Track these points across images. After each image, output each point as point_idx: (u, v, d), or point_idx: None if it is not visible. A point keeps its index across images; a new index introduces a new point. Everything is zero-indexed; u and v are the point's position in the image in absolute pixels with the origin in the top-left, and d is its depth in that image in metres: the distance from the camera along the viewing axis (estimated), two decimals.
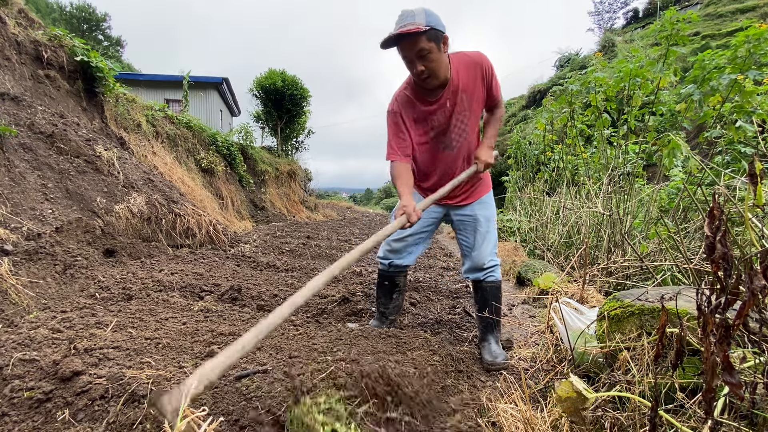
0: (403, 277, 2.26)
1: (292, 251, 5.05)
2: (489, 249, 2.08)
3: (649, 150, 3.61)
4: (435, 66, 1.73)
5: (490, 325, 2.07)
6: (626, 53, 4.65)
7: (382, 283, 2.25)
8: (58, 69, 4.80)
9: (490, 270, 2.10)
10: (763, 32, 2.81)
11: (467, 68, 1.85)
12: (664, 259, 2.71)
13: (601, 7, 41.23)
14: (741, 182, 2.65)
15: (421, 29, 1.62)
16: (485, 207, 2.12)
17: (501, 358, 1.95)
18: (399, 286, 2.25)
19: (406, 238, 2.12)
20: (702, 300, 0.90)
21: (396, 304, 2.28)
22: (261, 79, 13.94)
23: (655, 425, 0.97)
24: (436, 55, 1.71)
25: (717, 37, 16.42)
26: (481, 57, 1.88)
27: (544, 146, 5.94)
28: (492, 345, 2.04)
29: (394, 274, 2.21)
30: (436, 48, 1.69)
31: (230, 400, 1.34)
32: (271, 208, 10.71)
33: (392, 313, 2.28)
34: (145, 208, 4.15)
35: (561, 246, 4.31)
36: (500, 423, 1.33)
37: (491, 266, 2.09)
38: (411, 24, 1.64)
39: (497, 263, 2.12)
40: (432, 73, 1.75)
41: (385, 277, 2.23)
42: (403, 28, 1.64)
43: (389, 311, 2.27)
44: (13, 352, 1.54)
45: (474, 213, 2.09)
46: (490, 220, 2.11)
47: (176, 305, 2.39)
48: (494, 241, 2.12)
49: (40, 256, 2.60)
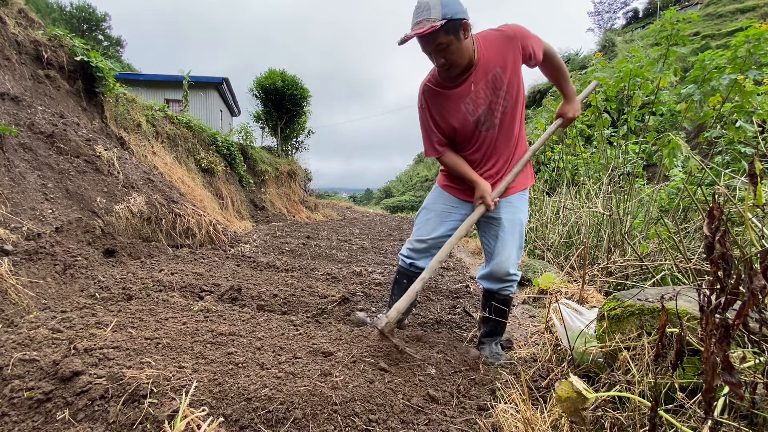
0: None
1: (292, 251, 5.05)
2: (511, 259, 1.92)
3: (649, 150, 3.61)
4: (456, 56, 1.68)
5: (493, 332, 2.05)
6: (626, 53, 4.65)
7: (400, 280, 2.16)
8: (58, 69, 4.80)
9: (508, 285, 1.97)
10: (763, 32, 2.81)
11: (493, 45, 1.76)
12: (664, 258, 2.71)
13: (601, 7, 41.23)
14: (741, 182, 2.65)
15: (436, 26, 1.56)
16: (512, 210, 1.95)
17: (503, 359, 1.95)
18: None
19: (428, 239, 2.04)
20: (703, 300, 0.90)
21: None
22: (261, 79, 13.93)
23: (655, 425, 0.97)
24: (455, 46, 1.65)
25: (717, 37, 16.42)
26: (508, 28, 1.78)
27: (544, 146, 5.94)
28: (492, 346, 2.04)
29: (413, 274, 2.09)
30: (455, 39, 1.62)
31: (230, 400, 1.34)
32: (271, 208, 10.71)
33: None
34: (145, 208, 4.15)
35: (561, 246, 4.31)
36: (500, 423, 1.33)
37: (510, 281, 1.96)
38: (426, 21, 1.57)
39: (517, 278, 1.98)
40: (453, 63, 1.69)
41: (404, 275, 2.14)
42: (418, 28, 1.58)
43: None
44: (13, 352, 1.54)
45: (499, 216, 1.93)
46: (515, 224, 1.94)
47: (176, 305, 2.39)
48: (518, 250, 1.95)
49: (40, 256, 2.60)
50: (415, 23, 1.61)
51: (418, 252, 2.09)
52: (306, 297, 2.83)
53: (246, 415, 1.28)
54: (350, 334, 2.03)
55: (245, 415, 1.28)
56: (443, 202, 2.07)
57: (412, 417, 1.41)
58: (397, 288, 2.24)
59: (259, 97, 14.30)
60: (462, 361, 1.87)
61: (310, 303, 2.73)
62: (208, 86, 17.14)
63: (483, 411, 1.48)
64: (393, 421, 1.37)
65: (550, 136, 2.00)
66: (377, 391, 1.49)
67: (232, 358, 1.65)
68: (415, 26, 1.61)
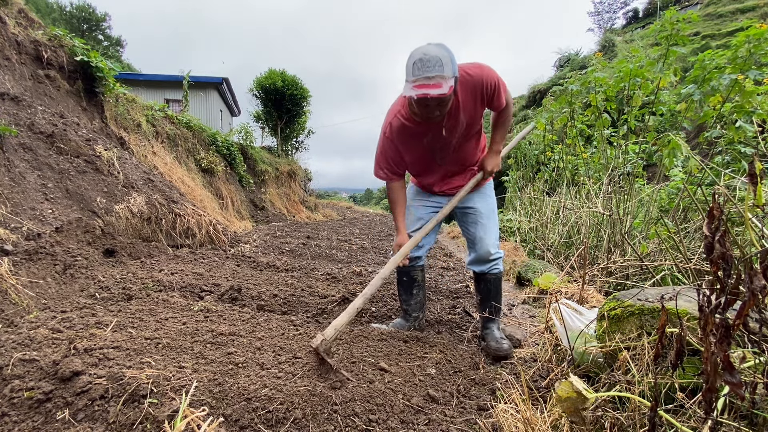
0: (419, 271, 2.29)
1: (292, 251, 5.04)
2: (492, 240, 2.13)
3: (649, 150, 3.61)
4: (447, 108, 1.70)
5: (492, 315, 2.14)
6: (626, 53, 4.65)
7: (401, 279, 2.29)
8: (58, 69, 4.80)
9: (494, 263, 2.16)
10: (763, 32, 2.81)
11: (467, 90, 1.79)
12: (664, 258, 2.71)
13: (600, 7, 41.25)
14: (741, 182, 2.65)
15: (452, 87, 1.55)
16: (484, 198, 2.18)
17: (506, 346, 2.01)
18: (417, 280, 2.28)
19: (410, 233, 2.14)
20: (703, 300, 0.90)
21: (417, 300, 2.30)
22: (261, 79, 13.94)
23: (655, 425, 0.97)
24: (450, 100, 1.69)
25: (717, 37, 16.43)
26: (482, 75, 1.78)
27: (544, 146, 5.94)
28: (495, 332, 2.11)
29: (410, 268, 2.22)
30: (453, 90, 1.62)
31: (230, 400, 1.34)
32: (271, 208, 10.71)
33: (415, 310, 2.30)
34: (145, 208, 4.15)
35: (561, 246, 4.31)
36: (500, 423, 1.33)
37: (495, 258, 2.15)
38: (441, 79, 1.53)
39: (501, 255, 2.17)
40: (442, 113, 1.71)
41: (402, 273, 2.26)
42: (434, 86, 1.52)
43: (411, 308, 2.30)
44: (13, 352, 1.54)
45: (474, 205, 2.15)
46: (492, 211, 2.17)
47: (176, 305, 2.39)
48: (497, 232, 2.18)
49: (40, 256, 2.60)
50: (426, 77, 1.54)
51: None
52: (306, 297, 2.83)
53: (246, 415, 1.28)
54: (350, 335, 2.03)
55: (245, 415, 1.28)
56: (419, 197, 2.24)
57: (412, 417, 1.41)
58: (401, 289, 2.31)
59: (259, 97, 14.31)
60: (462, 361, 1.87)
61: (310, 303, 2.73)
62: (208, 86, 17.13)
63: (483, 411, 1.48)
64: (393, 421, 1.37)
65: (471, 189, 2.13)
66: (377, 391, 1.49)
67: (232, 358, 1.65)
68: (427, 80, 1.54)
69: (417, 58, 1.55)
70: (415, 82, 1.56)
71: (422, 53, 1.56)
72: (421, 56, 1.55)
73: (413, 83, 1.56)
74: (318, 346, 1.54)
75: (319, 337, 1.57)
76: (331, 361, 1.55)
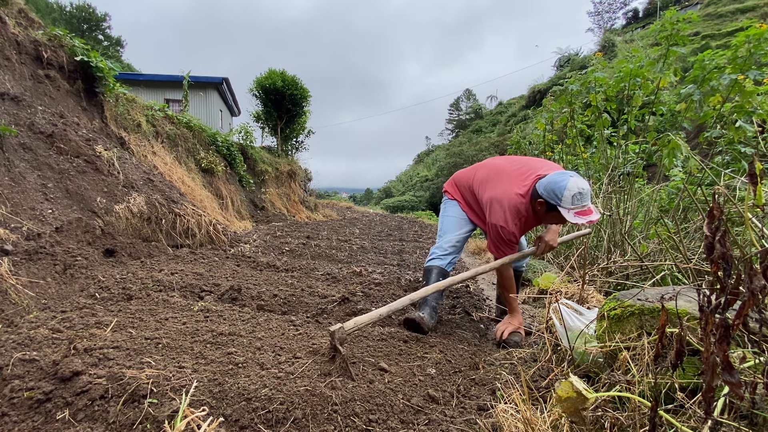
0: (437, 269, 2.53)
1: (292, 251, 5.04)
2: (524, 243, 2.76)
3: (649, 150, 3.61)
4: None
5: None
6: (626, 53, 4.65)
7: (427, 276, 2.53)
8: (58, 69, 4.80)
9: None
10: (763, 32, 2.81)
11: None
12: (664, 259, 2.71)
13: (600, 7, 41.26)
14: (741, 182, 2.65)
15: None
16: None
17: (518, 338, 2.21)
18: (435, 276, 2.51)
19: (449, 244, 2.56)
20: (703, 300, 0.90)
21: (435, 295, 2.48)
22: (261, 79, 13.92)
23: (655, 425, 0.97)
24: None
25: (717, 37, 16.43)
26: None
27: (544, 146, 5.94)
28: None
29: (431, 267, 2.53)
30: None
31: (230, 400, 1.34)
32: (271, 208, 10.71)
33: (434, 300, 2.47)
34: (145, 208, 4.15)
35: (561, 246, 4.30)
36: (500, 423, 1.33)
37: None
38: (594, 207, 2.04)
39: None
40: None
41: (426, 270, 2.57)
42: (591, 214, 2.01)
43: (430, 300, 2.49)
44: (13, 352, 1.54)
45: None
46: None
47: (176, 305, 2.39)
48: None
49: (40, 256, 2.60)
50: (585, 206, 2.03)
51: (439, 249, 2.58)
52: (306, 297, 2.83)
53: (246, 415, 1.28)
54: (350, 334, 2.03)
55: (245, 415, 1.28)
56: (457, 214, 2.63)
57: (412, 417, 1.41)
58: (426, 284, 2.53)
59: (259, 97, 14.29)
60: (462, 361, 1.87)
61: (310, 303, 2.73)
62: (208, 86, 17.14)
63: (483, 411, 1.48)
64: (393, 421, 1.37)
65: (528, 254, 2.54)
66: (377, 391, 1.49)
67: (232, 358, 1.65)
68: (586, 209, 2.02)
69: (576, 192, 2.00)
70: (573, 209, 2.03)
71: (579, 188, 2.01)
72: (580, 190, 2.01)
73: (573, 210, 2.02)
74: (335, 331, 1.66)
75: (338, 325, 1.70)
76: (343, 350, 1.64)
